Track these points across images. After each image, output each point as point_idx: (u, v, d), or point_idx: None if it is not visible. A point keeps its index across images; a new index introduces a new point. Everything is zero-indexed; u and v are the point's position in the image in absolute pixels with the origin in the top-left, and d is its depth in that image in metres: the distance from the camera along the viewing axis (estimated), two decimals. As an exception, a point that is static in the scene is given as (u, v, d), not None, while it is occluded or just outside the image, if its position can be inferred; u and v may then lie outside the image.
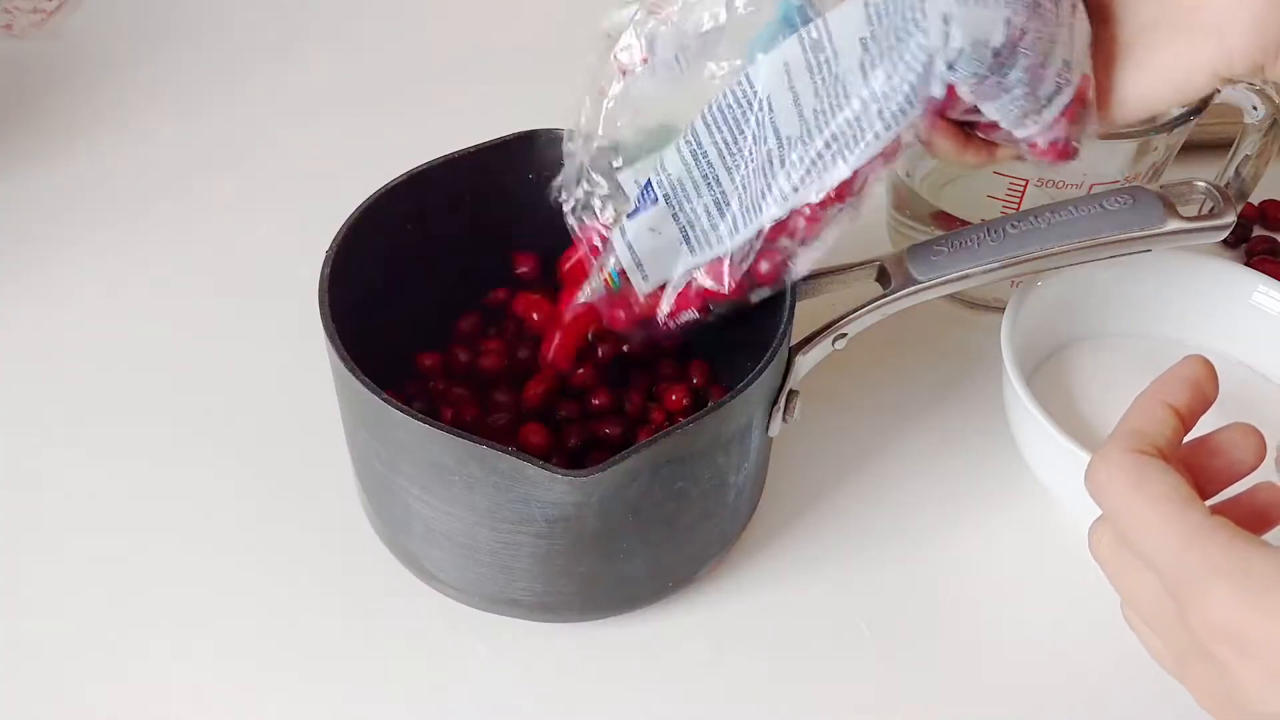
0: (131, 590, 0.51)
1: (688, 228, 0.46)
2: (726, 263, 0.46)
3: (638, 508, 0.45)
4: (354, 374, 0.44)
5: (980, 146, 0.45)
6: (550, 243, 0.54)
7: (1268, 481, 0.41)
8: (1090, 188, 0.58)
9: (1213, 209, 0.51)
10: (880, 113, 0.41)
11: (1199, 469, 0.40)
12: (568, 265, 0.51)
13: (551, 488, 0.42)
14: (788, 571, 0.53)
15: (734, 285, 0.46)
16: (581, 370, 0.52)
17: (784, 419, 0.49)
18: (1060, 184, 0.58)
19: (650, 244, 0.46)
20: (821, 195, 0.43)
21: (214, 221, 0.68)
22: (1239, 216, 0.60)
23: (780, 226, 0.45)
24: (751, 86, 0.43)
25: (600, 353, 0.53)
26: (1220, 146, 0.61)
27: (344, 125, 0.74)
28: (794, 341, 0.48)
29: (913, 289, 0.49)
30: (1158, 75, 0.42)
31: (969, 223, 0.56)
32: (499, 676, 0.49)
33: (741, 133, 0.44)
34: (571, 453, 0.51)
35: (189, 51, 0.80)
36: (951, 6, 0.39)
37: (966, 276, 0.49)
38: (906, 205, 0.63)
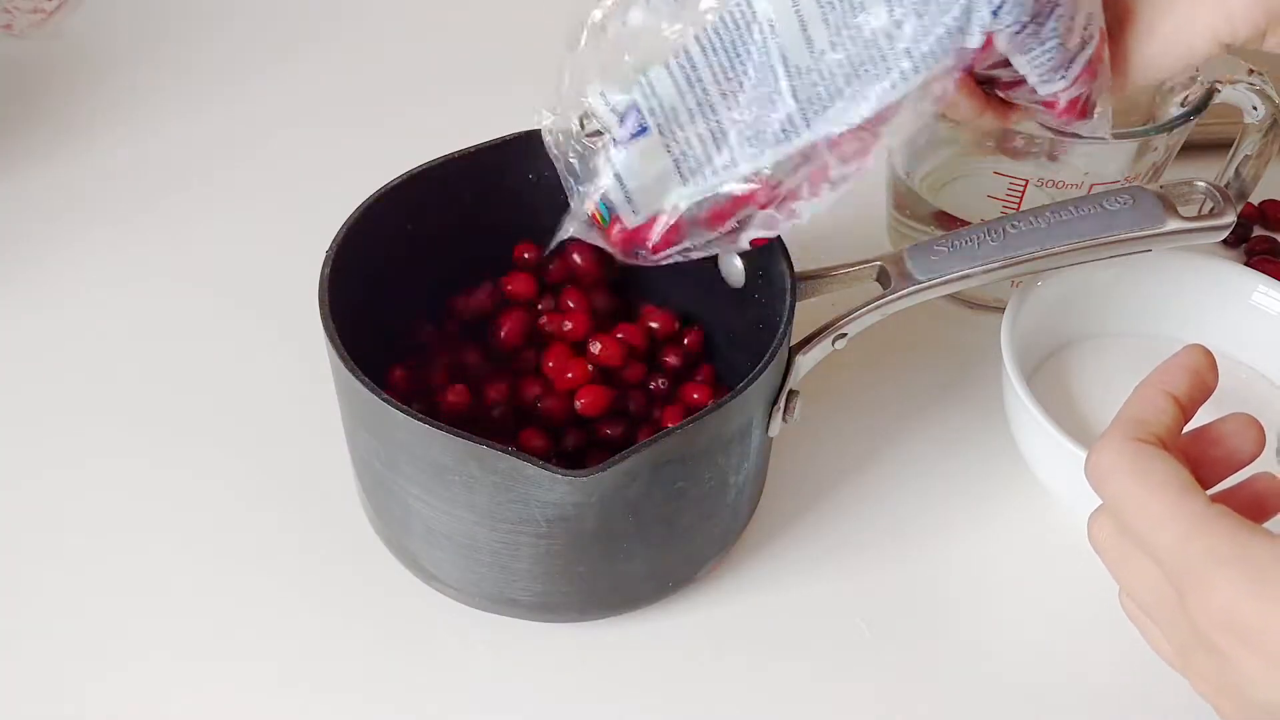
0: (130, 590, 0.51)
1: (680, 158, 0.44)
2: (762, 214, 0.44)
3: (638, 508, 0.45)
4: (354, 374, 0.44)
5: (999, 107, 0.44)
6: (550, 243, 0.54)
7: (1266, 472, 0.41)
8: (1090, 188, 0.58)
9: (1213, 209, 0.51)
10: (909, 51, 0.39)
11: (1198, 459, 0.40)
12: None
13: (552, 488, 0.42)
14: (788, 571, 0.53)
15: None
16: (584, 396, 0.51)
17: (784, 419, 0.49)
18: (1060, 184, 0.58)
19: (640, 176, 0.44)
20: (839, 132, 0.41)
21: (214, 221, 0.68)
22: (1239, 216, 0.60)
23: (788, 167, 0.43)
24: (750, 7, 0.41)
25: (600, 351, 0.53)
26: (1220, 146, 0.61)
27: (344, 125, 0.74)
28: (794, 341, 0.48)
29: (913, 289, 0.49)
30: (1162, 40, 0.42)
31: (969, 223, 0.56)
32: (499, 676, 0.49)
33: (739, 58, 0.42)
34: (571, 453, 0.51)
35: (189, 51, 0.80)
36: None
37: (966, 276, 0.49)
38: (906, 205, 0.63)
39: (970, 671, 0.50)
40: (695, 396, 0.53)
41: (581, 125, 0.45)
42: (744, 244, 0.45)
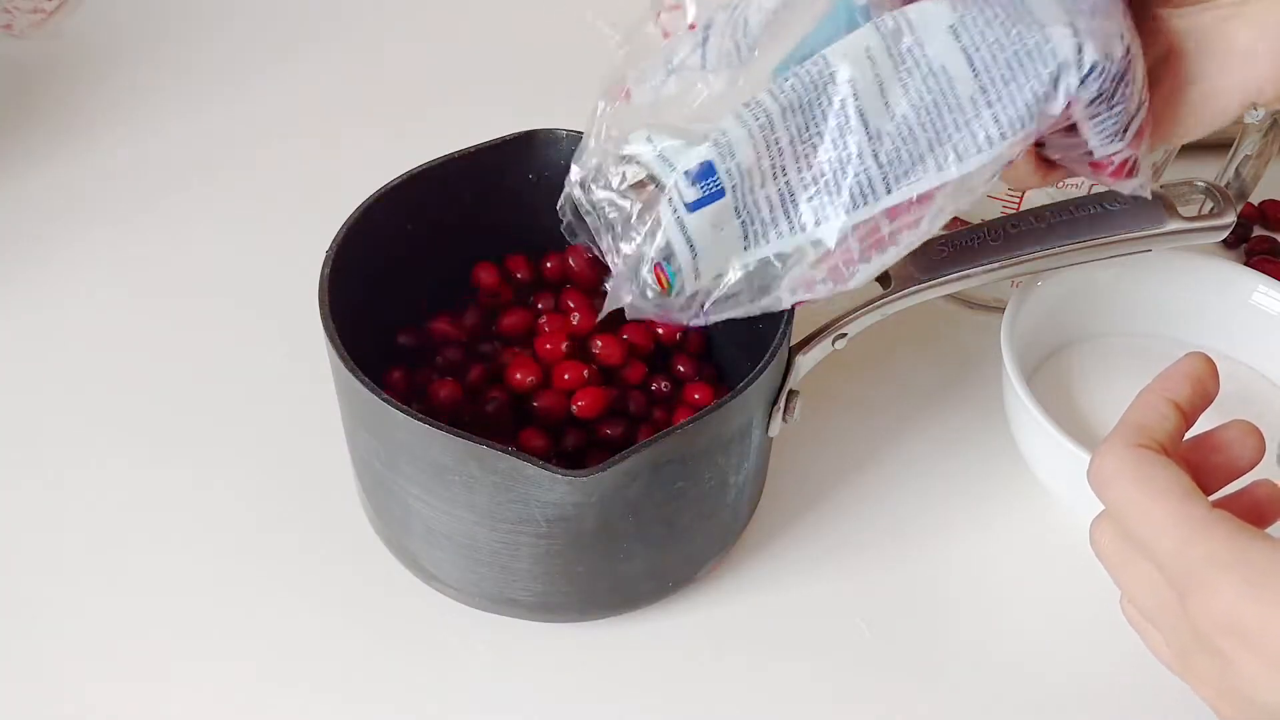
0: (131, 591, 0.51)
1: (748, 221, 0.41)
2: (830, 270, 0.42)
3: (638, 508, 0.45)
4: (354, 374, 0.44)
5: (1045, 168, 0.44)
6: (549, 243, 0.54)
7: (1266, 479, 0.41)
8: (1090, 188, 0.58)
9: (1213, 209, 0.51)
10: (995, 118, 0.39)
11: (1199, 465, 0.40)
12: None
13: (552, 488, 0.42)
14: (788, 571, 0.53)
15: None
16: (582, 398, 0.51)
17: (784, 419, 0.49)
18: (1060, 184, 0.58)
19: (710, 238, 0.42)
20: (917, 195, 0.40)
21: (214, 221, 0.68)
22: (1239, 216, 0.60)
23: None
24: (829, 68, 0.40)
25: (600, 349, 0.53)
26: (1220, 146, 0.61)
27: (344, 125, 0.74)
28: (794, 341, 0.48)
29: (913, 289, 0.49)
30: (1191, 105, 0.42)
31: (969, 223, 0.56)
32: (499, 676, 0.49)
33: (814, 121, 0.40)
34: (571, 453, 0.51)
35: (189, 51, 0.80)
36: (1076, 17, 0.38)
37: (966, 276, 0.50)
38: (906, 205, 0.63)
39: (970, 671, 0.50)
40: (696, 396, 0.53)
41: (623, 177, 0.43)
42: (786, 304, 0.43)
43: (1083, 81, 0.39)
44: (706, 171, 0.41)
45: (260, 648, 0.50)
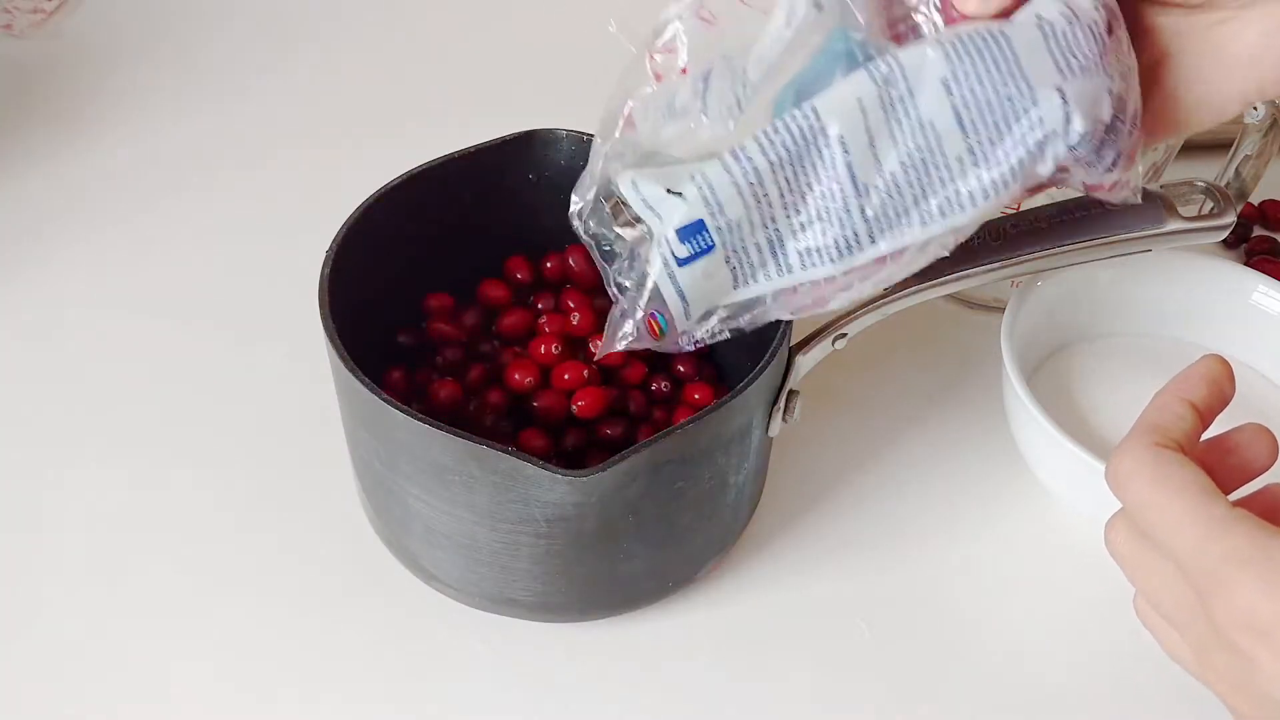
0: (131, 591, 0.51)
1: (737, 267, 0.42)
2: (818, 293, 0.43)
3: (638, 508, 0.45)
4: (354, 374, 0.44)
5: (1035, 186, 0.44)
6: (549, 243, 0.54)
7: (1278, 483, 0.41)
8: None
9: (1213, 209, 0.51)
10: (980, 177, 0.39)
11: (1213, 467, 0.40)
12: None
13: (551, 488, 0.42)
14: (788, 571, 0.53)
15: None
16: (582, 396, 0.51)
17: (784, 419, 0.49)
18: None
19: (701, 287, 0.43)
20: (898, 248, 0.41)
21: (214, 221, 0.68)
22: (1239, 216, 0.60)
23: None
24: (819, 121, 0.39)
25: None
26: (1220, 146, 0.61)
27: (344, 125, 0.74)
28: (794, 341, 0.48)
29: (913, 289, 0.49)
30: (1192, 105, 0.42)
31: (969, 223, 0.56)
32: (499, 676, 0.49)
33: (803, 171, 0.40)
34: (571, 453, 0.51)
35: (189, 51, 0.80)
36: (1067, 79, 0.38)
37: (966, 276, 0.49)
38: (906, 205, 0.63)
39: (970, 671, 0.50)
40: (696, 396, 0.53)
41: (614, 215, 0.44)
42: (774, 319, 0.44)
43: (1073, 148, 0.39)
44: (697, 228, 0.41)
45: (259, 647, 0.50)
